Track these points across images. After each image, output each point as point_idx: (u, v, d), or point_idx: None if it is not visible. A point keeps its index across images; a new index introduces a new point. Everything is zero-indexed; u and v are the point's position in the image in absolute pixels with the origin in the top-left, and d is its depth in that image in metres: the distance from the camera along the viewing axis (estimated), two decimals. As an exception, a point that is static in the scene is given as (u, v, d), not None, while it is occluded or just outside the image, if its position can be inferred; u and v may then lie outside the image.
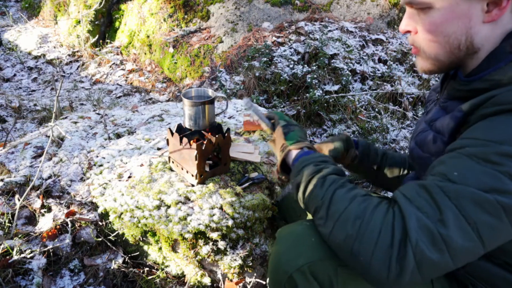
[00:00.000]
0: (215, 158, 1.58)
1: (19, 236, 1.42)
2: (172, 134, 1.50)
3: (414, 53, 0.91)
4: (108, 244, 1.51)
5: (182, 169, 1.54)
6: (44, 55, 4.33)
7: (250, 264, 1.44)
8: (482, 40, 0.81)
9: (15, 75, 4.06)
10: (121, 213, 1.48)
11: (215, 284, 1.49)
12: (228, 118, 2.12)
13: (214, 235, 1.39)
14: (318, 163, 0.94)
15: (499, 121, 0.70)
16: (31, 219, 1.51)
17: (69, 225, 1.48)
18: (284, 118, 1.23)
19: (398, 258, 0.69)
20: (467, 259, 0.71)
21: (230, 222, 1.40)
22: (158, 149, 1.77)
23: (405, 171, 1.30)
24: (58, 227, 1.47)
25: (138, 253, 1.54)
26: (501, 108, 0.70)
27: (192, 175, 1.49)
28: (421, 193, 0.73)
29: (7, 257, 1.33)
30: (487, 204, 0.66)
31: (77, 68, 4.19)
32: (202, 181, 1.51)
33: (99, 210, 1.52)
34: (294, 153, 1.06)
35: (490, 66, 0.80)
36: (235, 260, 1.42)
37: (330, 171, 0.90)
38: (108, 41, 4.53)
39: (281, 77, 3.09)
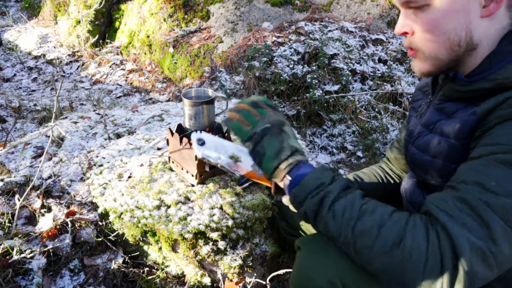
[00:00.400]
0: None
1: (19, 236, 1.42)
2: (172, 134, 1.50)
3: (412, 56, 0.89)
4: (108, 244, 1.51)
5: (182, 169, 1.54)
6: (44, 55, 4.33)
7: (250, 264, 1.44)
8: (480, 36, 0.80)
9: (15, 75, 4.06)
10: (121, 213, 1.48)
11: (215, 284, 1.49)
12: (228, 118, 2.12)
13: (214, 235, 1.39)
14: (317, 191, 0.82)
15: None
16: (31, 219, 1.51)
17: (69, 225, 1.48)
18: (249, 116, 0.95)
19: (449, 282, 0.67)
20: (509, 265, 0.70)
21: (230, 222, 1.40)
22: (158, 149, 1.77)
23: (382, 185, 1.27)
24: (58, 227, 1.47)
25: (138, 253, 1.54)
26: None
27: (192, 175, 1.49)
28: (464, 209, 0.70)
29: (7, 257, 1.33)
30: None
31: (77, 68, 4.19)
32: (202, 181, 1.51)
33: (99, 210, 1.52)
34: (282, 183, 0.91)
35: (492, 65, 0.79)
36: (235, 260, 1.42)
37: (334, 196, 0.80)
38: (108, 41, 4.53)
39: (281, 77, 3.09)
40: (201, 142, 1.08)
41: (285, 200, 0.95)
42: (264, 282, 1.46)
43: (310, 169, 0.87)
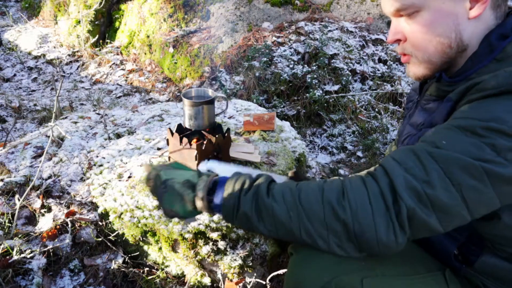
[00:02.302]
0: (215, 158, 1.58)
1: (19, 236, 1.42)
2: (172, 134, 1.50)
3: (405, 61, 0.92)
4: (108, 244, 1.51)
5: (182, 169, 1.54)
6: (44, 55, 4.33)
7: (250, 264, 1.44)
8: (469, 36, 0.84)
9: (15, 75, 4.06)
10: (121, 213, 1.48)
11: (215, 284, 1.49)
12: (228, 118, 2.12)
13: (214, 235, 1.39)
14: (247, 188, 0.83)
15: (484, 104, 0.74)
16: (31, 219, 1.51)
17: (69, 225, 1.48)
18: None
19: (397, 218, 0.73)
20: (454, 221, 0.75)
21: (230, 222, 1.40)
22: (158, 149, 1.77)
23: None
24: (58, 227, 1.47)
25: (138, 253, 1.54)
26: (485, 93, 0.75)
27: (192, 175, 1.49)
28: (410, 156, 0.76)
29: (7, 257, 1.33)
30: (472, 168, 0.71)
31: (77, 68, 4.19)
32: (202, 181, 1.51)
33: (99, 210, 1.52)
34: (208, 208, 0.87)
35: (474, 65, 0.83)
36: (235, 260, 1.42)
37: (266, 184, 0.83)
38: (108, 41, 4.53)
39: (281, 77, 3.09)
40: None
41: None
42: (264, 282, 1.46)
43: (223, 179, 0.87)
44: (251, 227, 0.83)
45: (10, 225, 1.45)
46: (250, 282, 1.44)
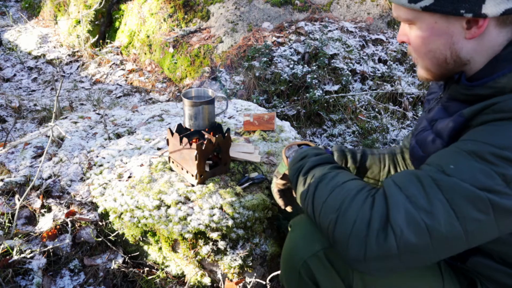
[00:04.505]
0: (215, 158, 1.58)
1: (19, 236, 1.42)
2: (172, 134, 1.50)
3: (414, 62, 0.94)
4: (108, 244, 1.51)
5: (182, 169, 1.54)
6: (44, 55, 4.32)
7: (250, 264, 1.44)
8: (469, 54, 0.82)
9: (15, 75, 4.06)
10: (121, 213, 1.48)
11: (215, 284, 1.49)
12: (228, 118, 2.12)
13: (214, 235, 1.39)
14: (300, 160, 0.97)
15: (500, 128, 0.71)
16: (31, 219, 1.51)
17: (69, 225, 1.48)
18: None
19: (377, 241, 0.71)
20: (449, 253, 0.73)
21: (230, 222, 1.39)
22: (158, 149, 1.77)
23: (386, 169, 1.29)
24: (58, 227, 1.47)
25: (138, 253, 1.54)
26: (502, 115, 0.71)
27: (192, 175, 1.49)
28: (413, 181, 0.74)
29: (7, 257, 1.33)
30: (479, 201, 0.68)
31: (77, 68, 4.19)
32: (202, 181, 1.51)
33: (99, 210, 1.52)
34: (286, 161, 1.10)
35: (494, 72, 0.80)
36: (235, 260, 1.42)
37: (310, 165, 0.93)
38: (108, 41, 4.52)
39: (281, 77, 3.09)
40: None
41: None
42: (264, 282, 1.46)
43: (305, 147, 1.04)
44: (293, 184, 0.98)
45: (10, 225, 1.45)
46: (250, 282, 1.44)
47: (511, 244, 0.80)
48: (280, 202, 1.19)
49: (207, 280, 1.47)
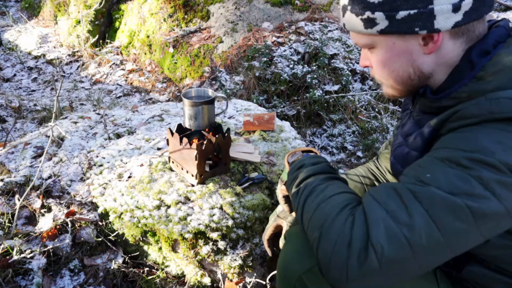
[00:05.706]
0: (215, 158, 1.58)
1: (19, 236, 1.42)
2: (172, 134, 1.50)
3: (379, 83, 0.96)
4: (108, 244, 1.51)
5: (182, 169, 1.54)
6: (44, 55, 4.32)
7: (250, 264, 1.44)
8: (430, 68, 0.85)
9: (15, 75, 4.06)
10: (121, 213, 1.48)
11: (215, 284, 1.49)
12: (228, 118, 2.12)
13: (214, 235, 1.39)
14: (296, 170, 0.97)
15: (467, 134, 0.73)
16: (31, 219, 1.51)
17: (69, 225, 1.48)
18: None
19: (358, 261, 0.70)
20: (434, 263, 0.72)
21: (230, 222, 1.40)
22: (158, 149, 1.77)
23: (369, 186, 1.27)
24: (58, 227, 1.47)
25: (138, 253, 1.54)
26: (466, 122, 0.74)
27: (192, 175, 1.49)
28: (392, 195, 0.74)
29: (7, 257, 1.33)
30: (459, 210, 0.67)
31: (77, 68, 4.19)
32: (202, 181, 1.51)
33: (99, 210, 1.52)
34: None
35: (455, 83, 0.82)
36: (235, 260, 1.42)
37: (304, 176, 0.93)
38: (108, 41, 4.52)
39: (281, 77, 3.09)
40: None
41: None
42: (264, 282, 1.46)
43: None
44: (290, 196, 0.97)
45: (10, 225, 1.45)
46: (250, 282, 1.44)
47: (502, 247, 0.80)
48: (285, 208, 1.18)
49: (207, 280, 1.47)
